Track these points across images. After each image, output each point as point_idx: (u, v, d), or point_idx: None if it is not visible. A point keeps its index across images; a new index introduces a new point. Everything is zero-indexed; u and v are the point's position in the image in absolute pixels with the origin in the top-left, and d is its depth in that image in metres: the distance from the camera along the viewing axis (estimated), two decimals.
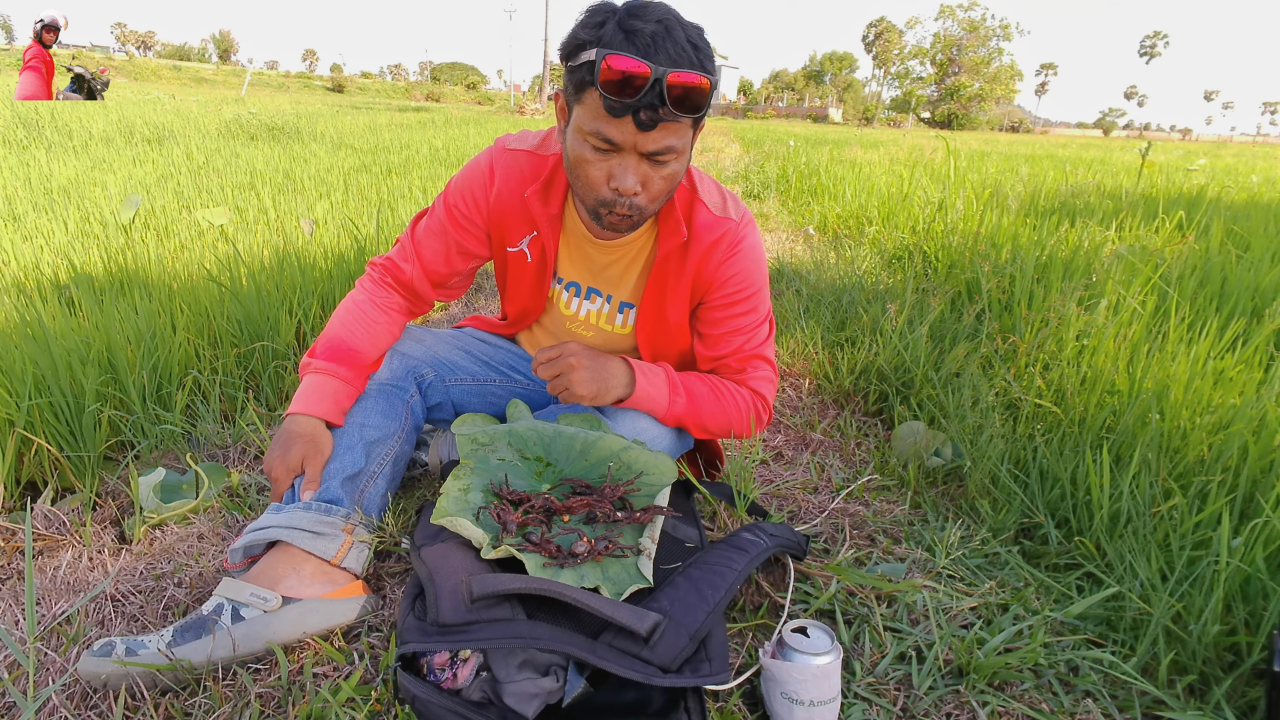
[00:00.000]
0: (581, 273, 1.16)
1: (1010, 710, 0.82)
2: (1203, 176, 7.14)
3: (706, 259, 1.07)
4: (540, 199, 1.07)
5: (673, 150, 0.90)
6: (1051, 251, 2.42)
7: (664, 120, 0.85)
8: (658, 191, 0.94)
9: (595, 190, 0.93)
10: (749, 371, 1.15)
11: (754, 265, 1.10)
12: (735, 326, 1.13)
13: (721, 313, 1.12)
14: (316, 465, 1.00)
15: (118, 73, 42.65)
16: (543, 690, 0.75)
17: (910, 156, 7.51)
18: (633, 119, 0.85)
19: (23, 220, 3.27)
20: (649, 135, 0.87)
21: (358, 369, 1.10)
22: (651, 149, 0.88)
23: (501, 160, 1.09)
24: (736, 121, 32.59)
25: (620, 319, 1.17)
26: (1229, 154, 17.13)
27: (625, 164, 0.90)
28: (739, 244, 1.08)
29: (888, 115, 77.41)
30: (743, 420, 1.14)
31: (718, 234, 1.06)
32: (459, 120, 14.37)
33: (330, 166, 5.86)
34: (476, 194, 1.11)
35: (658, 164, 0.91)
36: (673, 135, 0.88)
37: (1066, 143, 22.82)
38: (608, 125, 0.87)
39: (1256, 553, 0.92)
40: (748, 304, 1.12)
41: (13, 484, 1.27)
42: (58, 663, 0.85)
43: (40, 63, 5.73)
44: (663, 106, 0.84)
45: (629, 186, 0.90)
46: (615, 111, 0.85)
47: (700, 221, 1.06)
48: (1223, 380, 1.40)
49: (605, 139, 0.88)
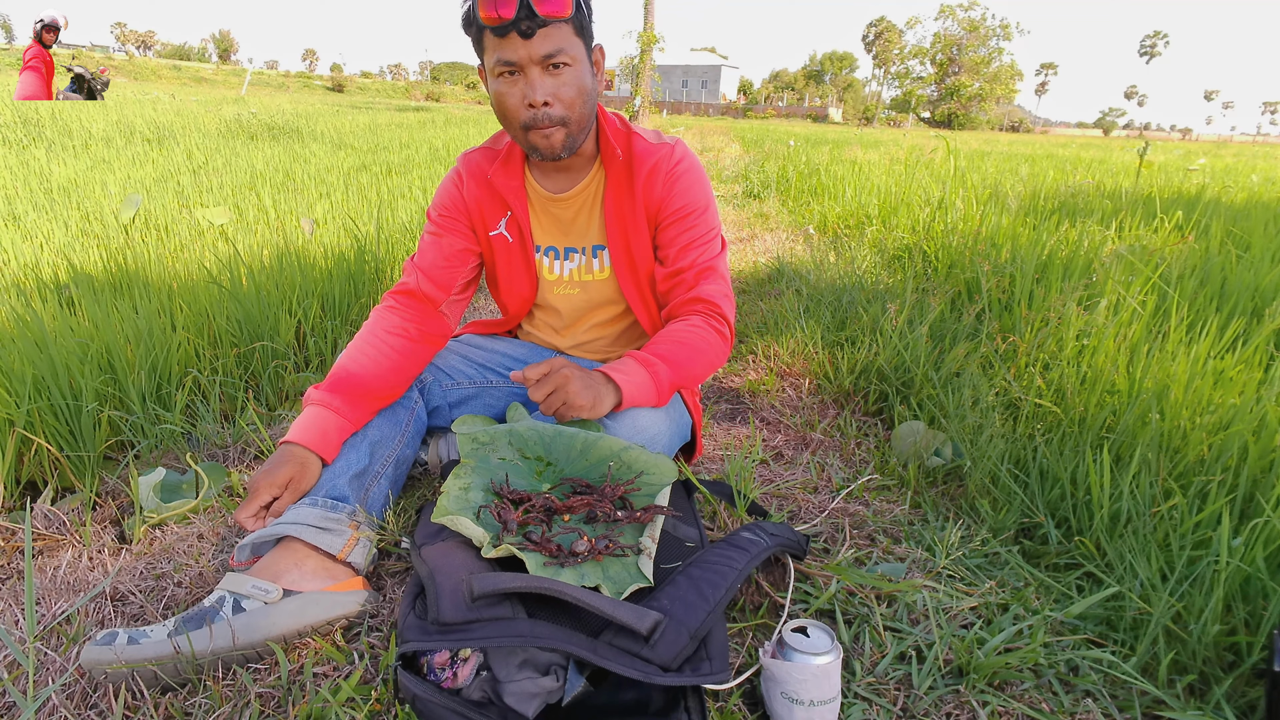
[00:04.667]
0: (554, 235, 1.26)
1: (1010, 710, 0.82)
2: (1203, 176, 7.14)
3: (651, 181, 1.18)
4: (502, 173, 1.21)
5: (563, 52, 1.03)
6: (1051, 251, 2.42)
7: (540, 26, 1.00)
8: (570, 99, 1.06)
9: (517, 114, 1.06)
10: (702, 284, 1.20)
11: (696, 182, 1.21)
12: (688, 241, 1.20)
13: (674, 230, 1.20)
14: (298, 489, 1.00)
15: (118, 72, 42.62)
16: (543, 689, 0.75)
17: (910, 156, 7.51)
18: (516, 34, 1.00)
19: (23, 220, 3.27)
20: (534, 43, 1.01)
21: (357, 399, 1.09)
22: (542, 54, 1.01)
23: (465, 163, 1.25)
24: (736, 121, 32.60)
25: (597, 264, 1.26)
26: (1229, 154, 17.12)
27: (530, 79, 1.03)
28: (678, 164, 1.19)
29: (888, 115, 77.37)
30: (717, 351, 1.19)
31: (656, 158, 1.18)
32: (459, 120, 14.37)
33: (330, 166, 5.86)
34: (453, 196, 1.24)
35: (557, 71, 1.04)
36: (558, 40, 1.02)
37: (1066, 142, 22.81)
38: (501, 49, 1.02)
39: (1256, 553, 0.92)
40: (696, 217, 1.20)
41: (13, 484, 1.27)
42: (57, 662, 0.85)
43: (40, 63, 5.73)
44: (533, 17, 0.98)
45: (538, 97, 1.03)
46: (500, 32, 1.00)
47: (638, 148, 1.18)
48: (1223, 380, 1.40)
49: (505, 62, 1.03)
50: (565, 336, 1.33)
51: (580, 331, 1.32)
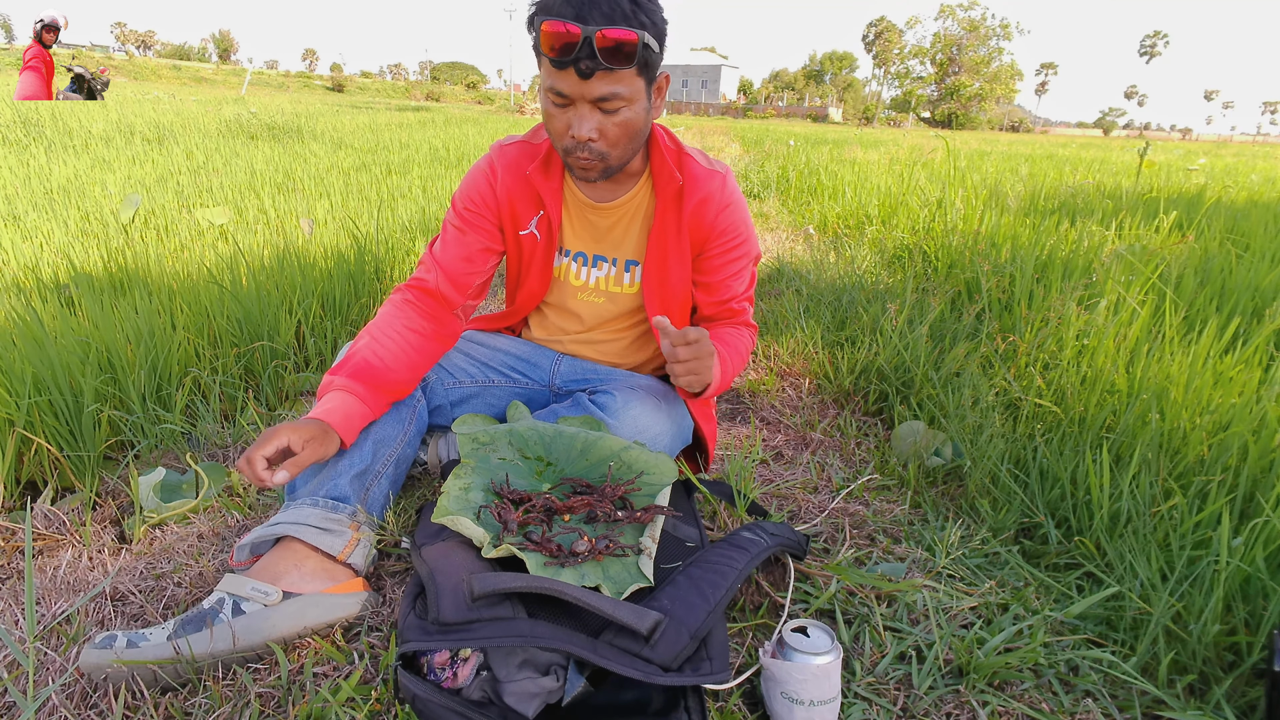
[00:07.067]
0: (586, 241, 1.24)
1: (1010, 710, 0.82)
2: (1202, 176, 7.14)
3: (702, 209, 1.16)
4: (541, 173, 1.17)
5: (619, 97, 0.99)
6: (1051, 251, 2.42)
7: (600, 69, 0.95)
8: (615, 137, 1.03)
9: (560, 139, 1.04)
10: (744, 314, 1.28)
11: (744, 215, 1.22)
12: (733, 272, 1.23)
13: (720, 260, 1.21)
14: (316, 453, 0.96)
15: (118, 72, 42.61)
16: (543, 689, 0.75)
17: (910, 156, 7.51)
18: (574, 70, 0.96)
19: (23, 220, 3.27)
20: (590, 84, 0.97)
21: (377, 391, 1.08)
22: (597, 96, 0.98)
23: (500, 155, 1.19)
24: (736, 121, 32.59)
25: (627, 278, 1.24)
26: (1229, 153, 17.13)
27: (579, 113, 1.00)
28: (730, 196, 1.18)
29: (888, 115, 77.35)
30: (747, 356, 1.27)
31: (712, 185, 1.16)
32: (459, 120, 14.36)
33: (330, 166, 5.86)
34: (484, 190, 1.20)
35: (608, 111, 1.00)
36: (615, 83, 0.98)
37: (1066, 142, 22.81)
38: (556, 79, 0.98)
39: (1256, 552, 0.92)
40: (741, 249, 1.22)
41: (13, 483, 1.27)
42: (57, 662, 0.85)
43: (40, 63, 5.72)
44: (594, 58, 0.94)
45: (583, 133, 1.01)
46: (558, 65, 0.96)
47: (692, 172, 1.15)
48: (1223, 380, 1.40)
49: (557, 92, 0.99)
50: (579, 339, 1.31)
51: (597, 334, 1.31)
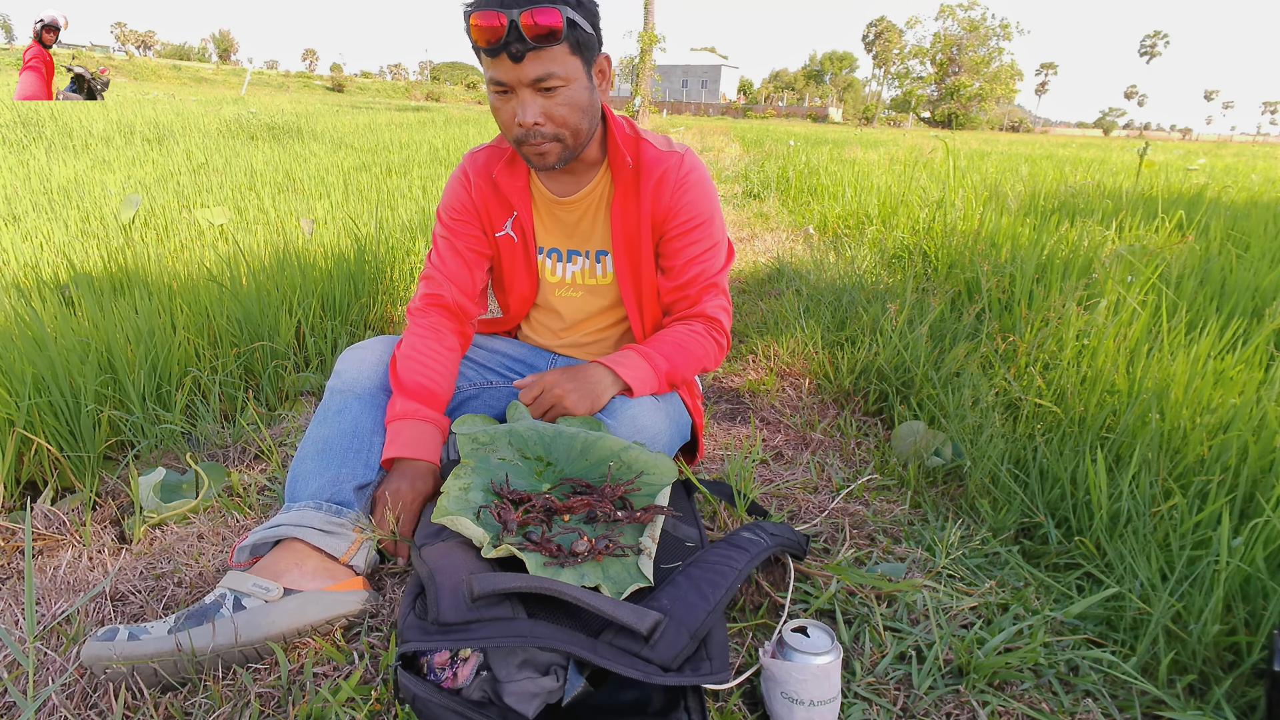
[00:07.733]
0: (558, 238, 1.25)
1: (1010, 710, 0.82)
2: (1203, 176, 7.14)
3: (659, 191, 1.16)
4: (507, 174, 1.20)
5: (555, 76, 1.00)
6: (1051, 251, 2.42)
7: (529, 50, 0.97)
8: (561, 118, 1.03)
9: (510, 131, 1.06)
10: (705, 300, 1.23)
11: (704, 194, 1.19)
12: (693, 255, 1.20)
13: (680, 243, 1.19)
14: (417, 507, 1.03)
15: (118, 72, 42.60)
16: (543, 689, 0.75)
17: (910, 156, 7.51)
18: (506, 56, 0.98)
19: (22, 220, 3.27)
20: (523, 67, 0.98)
21: (437, 412, 1.14)
22: (532, 78, 0.99)
23: (471, 162, 1.23)
24: (736, 121, 32.57)
25: (600, 269, 1.25)
26: (1229, 153, 17.12)
27: (521, 100, 1.02)
28: (687, 175, 1.17)
29: (888, 115, 77.33)
30: (709, 356, 1.23)
31: (664, 166, 1.16)
32: (459, 120, 14.36)
33: (330, 166, 5.86)
34: (461, 197, 1.23)
35: (548, 92, 1.01)
36: (549, 63, 0.98)
37: (1066, 142, 22.80)
38: (493, 69, 1.00)
39: (1256, 553, 0.92)
40: (702, 231, 1.20)
41: (13, 484, 1.27)
42: (57, 662, 0.85)
43: (40, 63, 5.72)
44: (522, 40, 0.95)
45: (528, 119, 1.02)
46: (491, 53, 0.98)
47: (647, 156, 1.16)
48: (1223, 380, 1.40)
49: (497, 82, 1.01)
50: (564, 338, 1.33)
51: (580, 334, 1.32)
